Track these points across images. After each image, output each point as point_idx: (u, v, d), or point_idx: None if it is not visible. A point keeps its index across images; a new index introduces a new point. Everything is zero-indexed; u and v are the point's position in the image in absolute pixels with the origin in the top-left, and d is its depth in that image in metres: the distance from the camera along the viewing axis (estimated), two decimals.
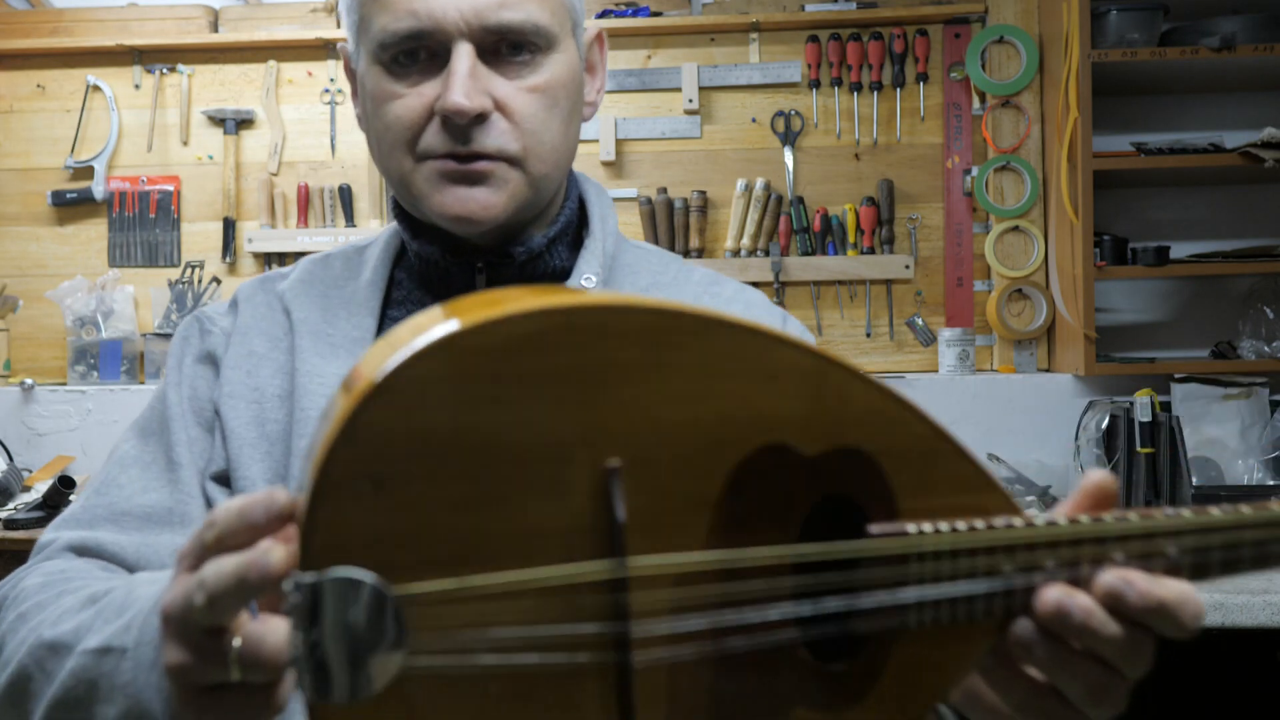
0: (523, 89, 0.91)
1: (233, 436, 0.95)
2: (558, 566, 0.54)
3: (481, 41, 0.89)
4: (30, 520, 2.41)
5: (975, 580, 0.60)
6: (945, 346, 2.80)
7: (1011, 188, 2.82)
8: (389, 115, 0.92)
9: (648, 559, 0.56)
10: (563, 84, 0.93)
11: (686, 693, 0.57)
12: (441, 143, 0.90)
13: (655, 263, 1.07)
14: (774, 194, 2.91)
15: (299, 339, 0.98)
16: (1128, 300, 2.85)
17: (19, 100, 3.11)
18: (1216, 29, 2.52)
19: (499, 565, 0.53)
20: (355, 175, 3.05)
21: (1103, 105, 2.70)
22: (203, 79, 3.08)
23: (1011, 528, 0.61)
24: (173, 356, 1.03)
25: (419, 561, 0.52)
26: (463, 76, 0.88)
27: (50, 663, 0.76)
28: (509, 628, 0.54)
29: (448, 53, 0.89)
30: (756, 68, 2.93)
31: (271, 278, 1.06)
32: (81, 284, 2.98)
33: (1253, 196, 2.82)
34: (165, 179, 3.08)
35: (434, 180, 0.92)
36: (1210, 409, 2.52)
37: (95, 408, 2.91)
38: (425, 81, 0.90)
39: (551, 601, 0.54)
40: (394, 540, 0.52)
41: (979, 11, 2.85)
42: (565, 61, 0.94)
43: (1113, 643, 0.61)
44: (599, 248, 1.01)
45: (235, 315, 1.03)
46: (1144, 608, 0.60)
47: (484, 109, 0.89)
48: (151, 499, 0.95)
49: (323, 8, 3.04)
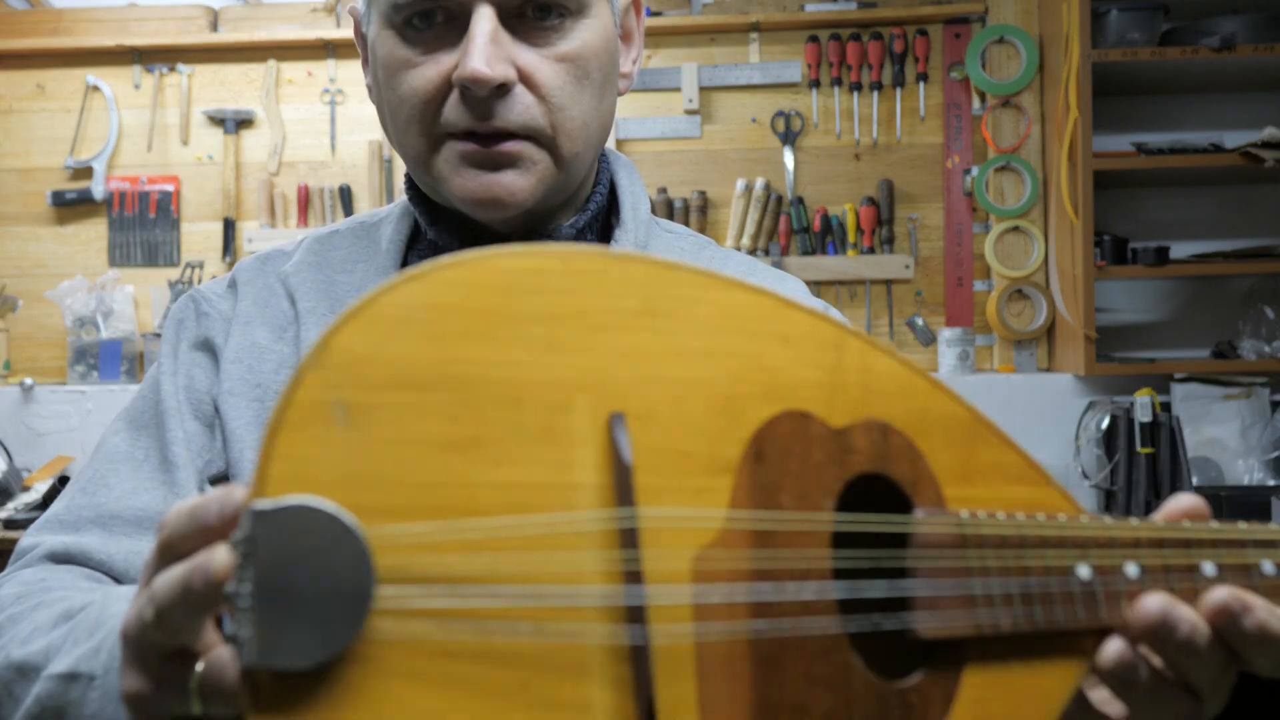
0: (550, 57, 0.82)
1: (233, 438, 0.88)
2: (558, 514, 0.48)
3: (505, 4, 0.80)
4: (30, 520, 2.41)
5: (1049, 577, 0.54)
6: (945, 346, 2.80)
7: (1011, 188, 2.82)
8: (402, 86, 0.83)
9: (664, 510, 0.49)
10: (595, 52, 0.84)
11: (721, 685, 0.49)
12: (461, 117, 0.82)
13: (688, 248, 0.99)
14: (774, 194, 2.91)
15: (305, 330, 0.90)
16: (1128, 300, 2.85)
17: (19, 100, 3.11)
18: (1216, 29, 2.52)
19: (486, 516, 0.47)
20: (355, 175, 3.05)
21: (1103, 105, 2.70)
22: (203, 79, 3.08)
23: (1081, 523, 0.55)
24: (167, 342, 0.94)
25: (393, 506, 0.46)
26: (483, 42, 0.79)
27: (18, 686, 0.70)
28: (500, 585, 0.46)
29: (467, 15, 0.80)
30: (756, 68, 2.93)
31: (273, 257, 0.98)
32: (81, 284, 2.98)
33: (1253, 196, 2.82)
34: (165, 179, 3.08)
35: (455, 163, 0.84)
36: (1210, 409, 2.52)
37: (95, 408, 2.91)
38: (442, 48, 0.82)
39: (550, 559, 0.47)
40: (366, 480, 0.46)
41: (979, 11, 2.85)
42: (598, 27, 0.85)
43: (1209, 668, 0.55)
44: (630, 240, 0.92)
45: (235, 298, 0.94)
46: (1258, 634, 0.54)
47: (507, 78, 0.80)
48: (144, 501, 0.86)
49: (323, 8, 3.04)
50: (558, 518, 0.48)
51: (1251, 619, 0.54)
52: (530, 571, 0.47)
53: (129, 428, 0.92)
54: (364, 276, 0.92)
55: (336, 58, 3.05)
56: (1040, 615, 0.53)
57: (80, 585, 0.80)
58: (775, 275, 1.01)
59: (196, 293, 0.96)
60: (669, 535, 0.49)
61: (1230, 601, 0.54)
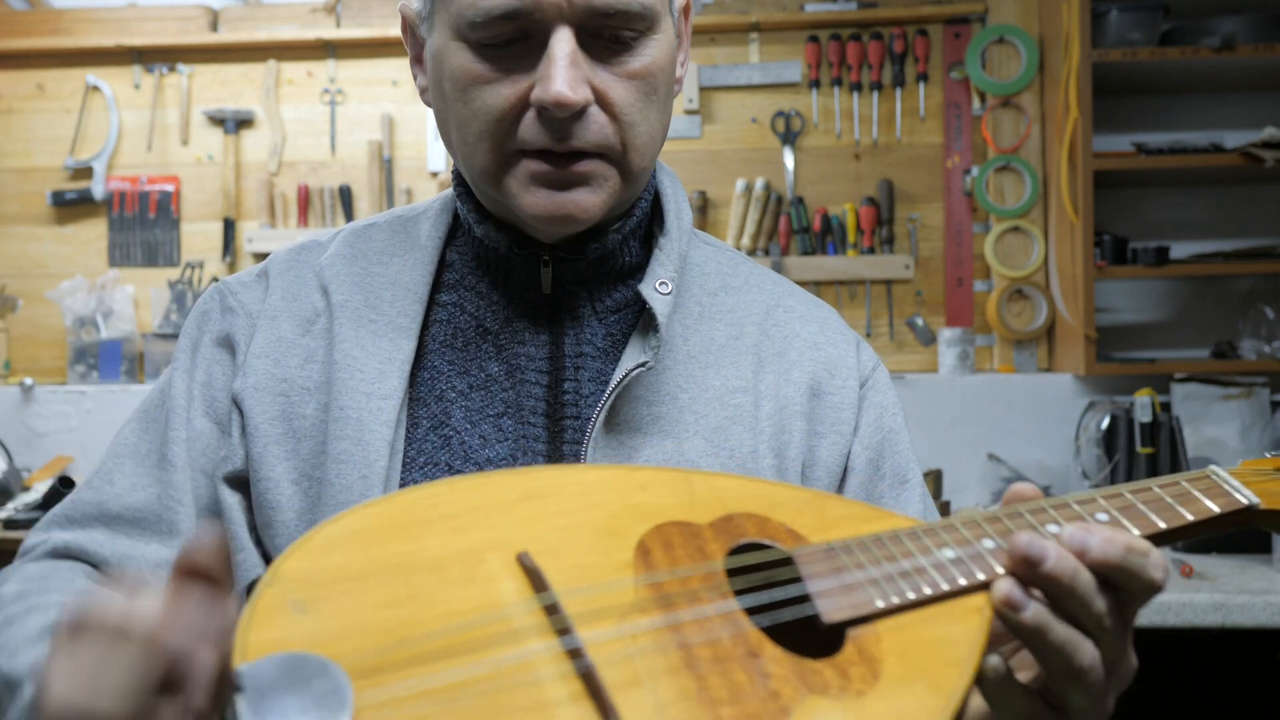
0: (622, 75, 0.83)
1: (256, 434, 0.87)
2: (493, 609, 0.58)
3: (584, 23, 0.80)
4: (30, 520, 2.41)
5: (919, 558, 0.65)
6: (945, 346, 2.80)
7: (1011, 188, 2.82)
8: (476, 102, 0.83)
9: (581, 587, 0.60)
10: (662, 67, 0.85)
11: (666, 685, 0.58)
12: (537, 136, 0.82)
13: (725, 263, 0.99)
14: (774, 194, 2.91)
15: (338, 325, 0.90)
16: (1128, 300, 2.85)
17: (19, 100, 3.11)
18: (1216, 29, 2.52)
19: (433, 640, 0.56)
20: (355, 175, 3.05)
21: (1103, 105, 2.70)
22: (203, 79, 3.08)
23: (932, 525, 0.67)
24: (187, 335, 0.95)
25: (356, 649, 0.55)
26: (564, 64, 0.79)
27: (6, 698, 0.71)
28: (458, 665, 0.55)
29: (545, 34, 0.80)
30: (756, 68, 2.93)
31: (309, 248, 0.97)
32: (81, 284, 2.98)
33: (1253, 196, 2.82)
34: (165, 179, 3.08)
35: (526, 181, 0.84)
36: (1210, 409, 2.52)
37: (95, 408, 2.91)
38: (519, 68, 0.81)
39: (495, 638, 0.57)
40: (328, 636, 0.55)
41: (979, 11, 2.85)
42: (664, 42, 0.85)
43: (1087, 599, 0.63)
44: (675, 249, 0.92)
45: (265, 289, 0.94)
46: (1109, 553, 0.63)
47: (587, 101, 0.81)
48: (139, 499, 0.89)
49: (323, 8, 3.04)
50: (494, 613, 0.57)
51: (1097, 537, 0.63)
52: (480, 651, 0.56)
53: (140, 421, 0.94)
54: (400, 269, 0.93)
55: (336, 58, 3.05)
56: (926, 584, 0.63)
57: (78, 582, 0.82)
58: (808, 305, 1.00)
59: (224, 285, 0.96)
60: (589, 601, 0.59)
61: (1074, 531, 0.64)
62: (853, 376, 0.96)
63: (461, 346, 0.91)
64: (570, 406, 0.88)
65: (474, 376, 0.89)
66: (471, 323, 0.92)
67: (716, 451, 0.88)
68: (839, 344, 0.97)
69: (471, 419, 0.88)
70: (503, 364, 0.90)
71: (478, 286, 0.92)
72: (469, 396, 0.89)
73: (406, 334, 0.89)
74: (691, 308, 0.94)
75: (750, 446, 0.89)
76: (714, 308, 0.95)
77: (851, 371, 0.96)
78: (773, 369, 0.93)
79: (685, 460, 0.87)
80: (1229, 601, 1.83)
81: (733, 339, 0.94)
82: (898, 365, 2.88)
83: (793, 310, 0.98)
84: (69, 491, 2.50)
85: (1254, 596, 1.83)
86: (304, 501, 0.86)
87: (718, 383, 0.91)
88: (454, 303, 0.93)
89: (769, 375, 0.93)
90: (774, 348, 0.94)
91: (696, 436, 0.88)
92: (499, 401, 0.89)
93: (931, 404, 2.72)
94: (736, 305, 0.96)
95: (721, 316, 0.95)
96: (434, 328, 0.92)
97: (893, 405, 0.98)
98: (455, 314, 0.92)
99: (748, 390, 0.91)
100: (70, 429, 2.91)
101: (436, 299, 0.93)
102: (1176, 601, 1.84)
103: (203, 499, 0.90)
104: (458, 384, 0.89)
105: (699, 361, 0.91)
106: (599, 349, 0.91)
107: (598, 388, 0.89)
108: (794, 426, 0.91)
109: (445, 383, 0.89)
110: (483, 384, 0.89)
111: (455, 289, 0.93)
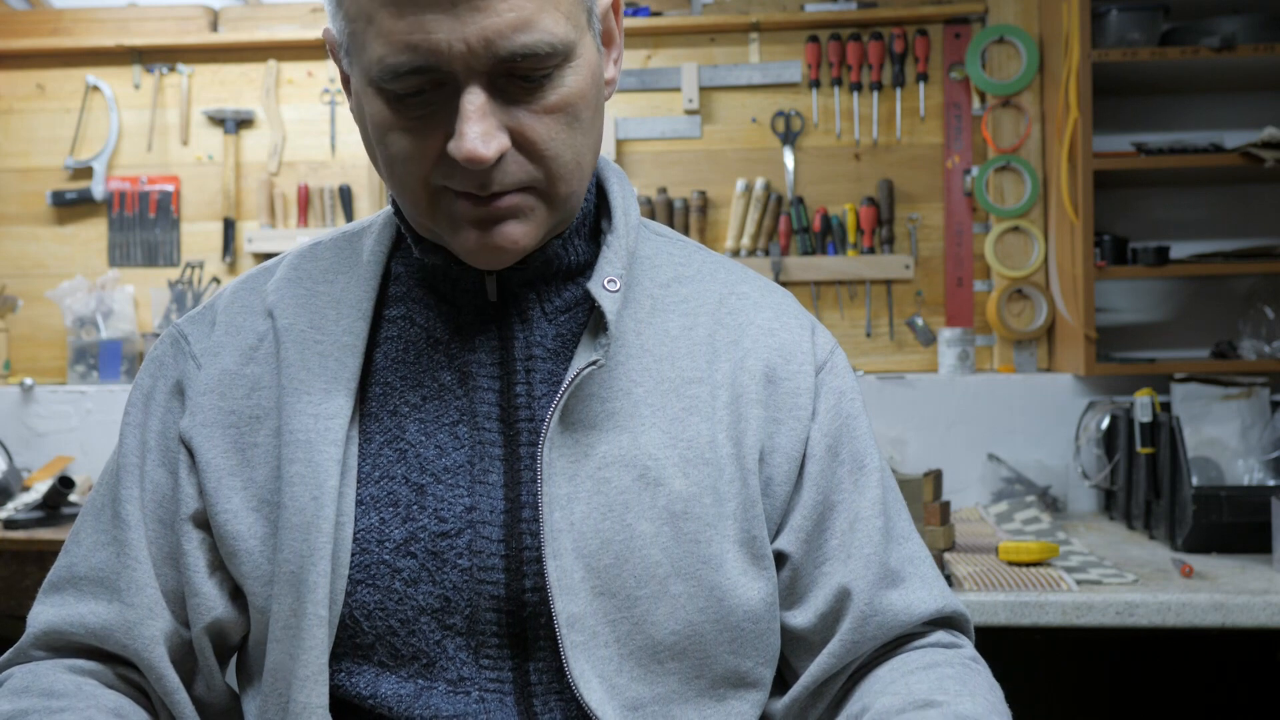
0: (540, 112, 0.81)
1: (208, 468, 0.89)
2: None
3: (493, 71, 0.78)
4: (30, 520, 2.40)
5: None
6: (945, 346, 2.80)
7: (1011, 188, 2.82)
8: (394, 148, 0.82)
9: None
10: (583, 94, 0.83)
11: None
12: (458, 184, 0.82)
13: (678, 253, 1.00)
14: (774, 194, 2.91)
15: (284, 349, 0.91)
16: (1128, 300, 2.85)
17: (19, 100, 3.11)
18: (1216, 29, 2.52)
19: None
20: (355, 175, 3.05)
21: (1103, 105, 2.70)
22: (203, 79, 3.08)
23: None
24: (139, 388, 0.96)
25: None
26: (475, 121, 0.78)
27: None
28: None
29: (456, 83, 0.79)
30: (756, 68, 2.93)
31: (257, 275, 0.99)
32: (81, 284, 2.98)
33: (1253, 196, 2.82)
34: (165, 179, 3.08)
35: (454, 219, 0.84)
36: (1210, 409, 2.52)
37: (95, 408, 2.91)
38: (434, 116, 0.80)
39: None
40: None
41: (979, 11, 2.85)
42: (584, 65, 0.83)
43: None
44: (622, 245, 0.92)
45: (211, 325, 0.96)
46: None
47: (502, 151, 0.80)
48: (99, 559, 0.91)
49: (323, 8, 3.04)
50: None
51: None
52: None
53: (102, 477, 0.96)
54: (345, 287, 0.93)
55: None
56: None
57: (53, 707, 0.84)
58: (761, 290, 1.01)
59: (176, 329, 0.97)
60: None
61: None
62: (808, 362, 0.96)
63: (413, 359, 0.92)
64: (524, 409, 0.89)
65: (427, 387, 0.90)
66: (421, 334, 0.92)
67: (674, 442, 0.89)
68: (794, 329, 0.98)
69: (427, 430, 0.89)
70: (454, 372, 0.91)
71: (425, 299, 0.93)
72: (422, 408, 0.90)
73: (352, 351, 0.90)
74: (643, 301, 0.94)
75: (708, 436, 0.90)
76: (666, 299, 0.96)
77: (807, 357, 0.96)
78: (728, 357, 0.94)
79: (642, 452, 0.88)
80: (1229, 601, 1.83)
81: (686, 329, 0.94)
82: (898, 365, 2.88)
83: (746, 297, 0.98)
84: (69, 491, 2.49)
85: (1254, 596, 1.83)
86: (265, 527, 0.87)
87: (673, 374, 0.91)
88: (403, 316, 0.94)
89: (724, 364, 0.93)
90: (728, 336, 0.95)
91: (654, 429, 0.89)
92: (453, 410, 0.90)
93: (931, 404, 2.72)
94: (690, 295, 0.96)
95: (674, 307, 0.95)
96: (385, 344, 0.93)
97: (851, 390, 0.98)
98: (405, 327, 0.93)
99: (703, 380, 0.92)
100: (70, 429, 2.91)
101: (385, 314, 0.94)
102: (1176, 601, 1.83)
103: (163, 550, 0.91)
104: (410, 397, 0.90)
105: (653, 354, 0.92)
106: (549, 350, 0.91)
107: (550, 389, 0.90)
108: (751, 414, 0.92)
109: (399, 397, 0.90)
110: (436, 394, 0.90)
111: (403, 302, 0.94)
